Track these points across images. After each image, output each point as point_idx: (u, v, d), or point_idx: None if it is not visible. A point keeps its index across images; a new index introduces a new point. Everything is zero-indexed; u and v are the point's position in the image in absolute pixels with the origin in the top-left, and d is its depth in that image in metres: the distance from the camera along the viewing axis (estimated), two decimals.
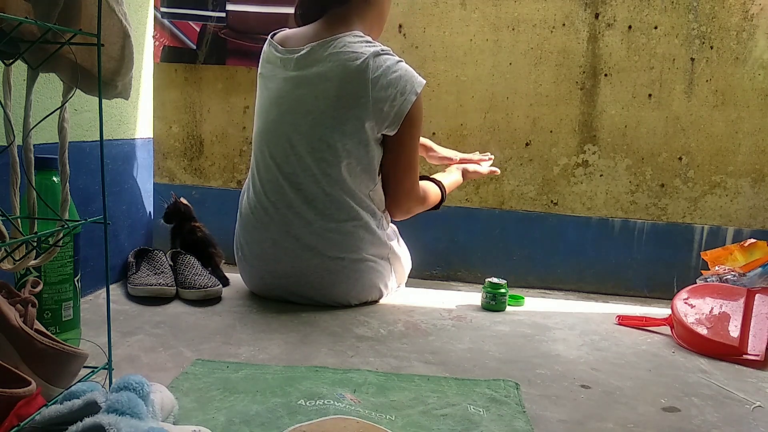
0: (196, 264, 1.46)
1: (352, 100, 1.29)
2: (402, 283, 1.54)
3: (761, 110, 1.64)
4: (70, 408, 0.64)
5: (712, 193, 1.68)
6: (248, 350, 1.10)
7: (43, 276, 1.01)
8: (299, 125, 1.32)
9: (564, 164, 1.70)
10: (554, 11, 1.65)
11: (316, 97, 1.31)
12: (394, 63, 1.31)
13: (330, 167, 1.31)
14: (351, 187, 1.33)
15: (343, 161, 1.31)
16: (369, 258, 1.37)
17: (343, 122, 1.30)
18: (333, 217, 1.32)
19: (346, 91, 1.29)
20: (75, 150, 1.11)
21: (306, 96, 1.32)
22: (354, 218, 1.34)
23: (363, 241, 1.35)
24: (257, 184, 1.37)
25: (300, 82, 1.32)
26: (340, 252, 1.34)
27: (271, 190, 1.35)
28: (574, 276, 1.73)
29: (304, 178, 1.32)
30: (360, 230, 1.34)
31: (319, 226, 1.32)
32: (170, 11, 1.70)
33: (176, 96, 1.76)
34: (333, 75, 1.29)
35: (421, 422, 0.86)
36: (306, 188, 1.32)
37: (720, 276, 1.41)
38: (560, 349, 1.21)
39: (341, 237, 1.33)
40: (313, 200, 1.32)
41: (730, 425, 0.93)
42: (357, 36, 1.33)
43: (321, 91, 1.30)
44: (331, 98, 1.30)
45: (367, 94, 1.28)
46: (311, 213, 1.32)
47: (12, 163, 0.72)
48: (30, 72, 0.74)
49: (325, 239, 1.33)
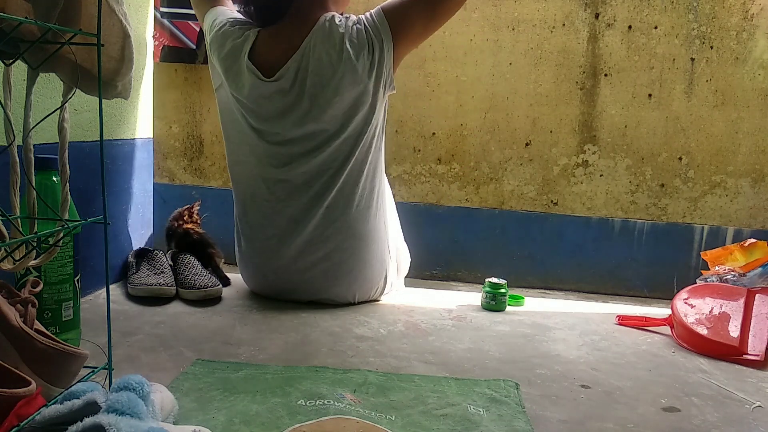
0: (196, 264, 1.46)
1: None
2: (403, 276, 1.54)
3: (761, 110, 1.64)
4: (70, 408, 0.65)
5: (712, 193, 1.68)
6: (248, 350, 1.10)
7: (43, 276, 1.01)
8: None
9: (564, 164, 1.70)
10: (554, 11, 1.65)
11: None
12: (354, 21, 1.32)
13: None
14: (356, 176, 1.33)
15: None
16: (372, 249, 1.37)
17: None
18: (338, 209, 1.33)
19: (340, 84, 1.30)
20: (75, 150, 1.10)
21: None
22: (359, 208, 1.34)
23: (366, 229, 1.35)
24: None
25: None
26: (344, 242, 1.34)
27: (277, 185, 1.35)
28: (574, 276, 1.73)
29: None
30: (363, 215, 1.35)
31: (324, 219, 1.33)
32: (170, 11, 1.70)
33: (176, 96, 1.76)
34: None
35: (421, 422, 0.86)
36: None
37: (720, 276, 1.41)
38: (560, 349, 1.21)
39: (345, 228, 1.34)
40: (322, 194, 1.32)
41: (730, 425, 0.93)
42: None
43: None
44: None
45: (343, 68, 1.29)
46: (317, 207, 1.33)
47: (12, 163, 0.72)
48: (30, 72, 0.74)
49: (329, 231, 1.33)
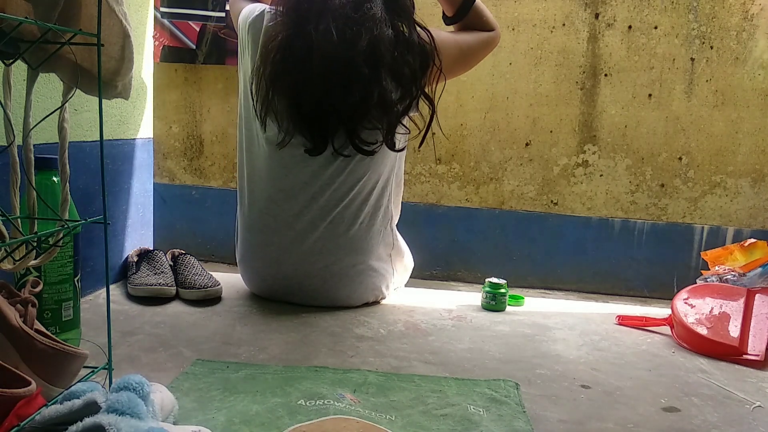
0: (196, 264, 1.46)
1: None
2: (404, 281, 1.54)
3: (761, 110, 1.64)
4: (70, 408, 0.64)
5: (712, 193, 1.68)
6: (248, 350, 1.10)
7: (43, 276, 1.01)
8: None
9: (564, 164, 1.70)
10: (554, 11, 1.65)
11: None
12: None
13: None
14: (366, 194, 1.33)
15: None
16: (373, 261, 1.37)
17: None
18: (343, 224, 1.32)
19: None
20: (75, 150, 1.11)
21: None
22: (362, 225, 1.34)
23: (369, 243, 1.35)
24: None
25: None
26: (346, 256, 1.34)
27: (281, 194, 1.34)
28: (574, 276, 1.73)
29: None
30: (367, 232, 1.34)
31: (327, 231, 1.32)
32: (170, 11, 1.70)
33: (176, 96, 1.76)
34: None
35: (421, 422, 0.86)
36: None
37: (720, 276, 1.41)
38: (560, 349, 1.21)
39: (348, 242, 1.33)
40: (326, 206, 1.32)
41: (730, 425, 0.93)
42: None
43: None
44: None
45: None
46: (320, 219, 1.32)
47: (12, 163, 0.72)
48: (30, 72, 0.74)
49: (331, 243, 1.33)
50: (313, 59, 1.21)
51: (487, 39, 1.44)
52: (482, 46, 1.45)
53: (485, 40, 1.44)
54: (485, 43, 1.45)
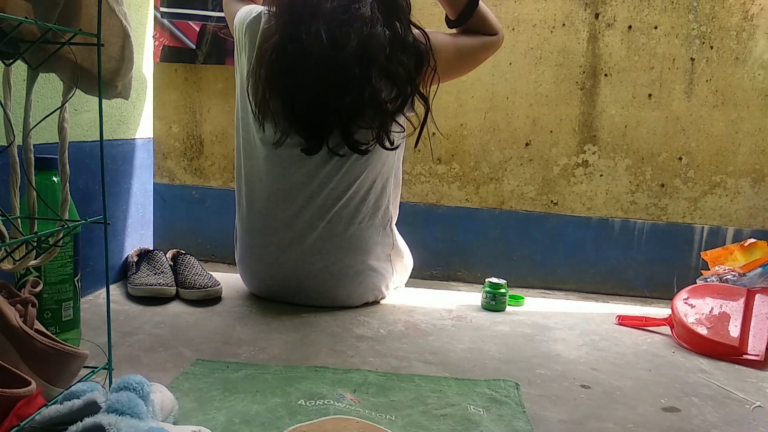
0: (196, 264, 1.46)
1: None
2: (404, 281, 1.54)
3: (761, 110, 1.64)
4: (70, 408, 0.64)
5: (712, 193, 1.68)
6: (248, 350, 1.10)
7: (43, 276, 1.01)
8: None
9: (564, 164, 1.70)
10: (554, 11, 1.65)
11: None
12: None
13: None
14: (364, 194, 1.33)
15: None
16: (372, 261, 1.37)
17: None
18: (341, 224, 1.32)
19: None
20: (75, 150, 1.11)
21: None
22: (361, 225, 1.34)
23: (368, 243, 1.35)
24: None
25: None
26: (345, 256, 1.34)
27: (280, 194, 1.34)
28: (574, 276, 1.73)
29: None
30: (366, 232, 1.34)
31: (325, 231, 1.32)
32: (170, 11, 1.70)
33: (176, 96, 1.76)
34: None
35: (421, 422, 0.86)
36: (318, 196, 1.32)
37: (720, 276, 1.41)
38: (560, 349, 1.21)
39: (347, 241, 1.33)
40: (323, 205, 1.32)
41: (730, 425, 0.93)
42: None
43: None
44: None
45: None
46: (318, 218, 1.32)
47: (12, 163, 0.72)
48: (30, 72, 0.74)
49: (330, 243, 1.33)
50: (306, 62, 1.22)
51: (488, 42, 1.44)
52: (482, 50, 1.45)
53: (486, 44, 1.44)
54: (486, 46, 1.44)
